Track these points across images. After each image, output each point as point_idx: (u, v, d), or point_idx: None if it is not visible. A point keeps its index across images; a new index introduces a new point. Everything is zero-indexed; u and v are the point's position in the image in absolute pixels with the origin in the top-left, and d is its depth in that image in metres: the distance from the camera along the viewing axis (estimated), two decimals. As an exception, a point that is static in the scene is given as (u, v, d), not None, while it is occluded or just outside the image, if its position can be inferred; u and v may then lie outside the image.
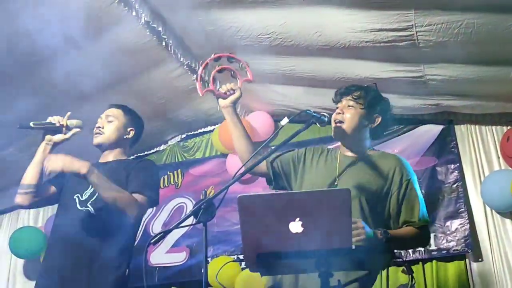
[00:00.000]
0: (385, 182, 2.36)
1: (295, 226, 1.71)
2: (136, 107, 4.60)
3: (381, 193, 2.36)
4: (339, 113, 2.47)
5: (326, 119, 2.29)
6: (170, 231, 2.10)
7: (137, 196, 2.53)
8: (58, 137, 2.68)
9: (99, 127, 2.78)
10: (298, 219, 1.71)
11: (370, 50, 3.46)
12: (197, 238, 4.78)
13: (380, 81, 3.75)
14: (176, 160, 5.29)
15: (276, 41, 3.65)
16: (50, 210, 5.50)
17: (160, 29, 3.75)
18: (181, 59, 4.10)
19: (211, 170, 5.05)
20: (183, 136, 5.36)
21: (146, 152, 5.46)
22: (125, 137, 2.82)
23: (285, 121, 2.25)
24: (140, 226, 4.99)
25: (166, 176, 5.20)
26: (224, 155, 4.95)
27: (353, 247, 1.73)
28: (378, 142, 4.41)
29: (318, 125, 2.31)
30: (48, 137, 2.67)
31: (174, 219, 4.96)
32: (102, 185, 2.42)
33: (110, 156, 2.78)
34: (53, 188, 2.71)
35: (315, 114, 2.27)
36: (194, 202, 4.97)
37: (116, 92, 4.37)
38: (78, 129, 2.70)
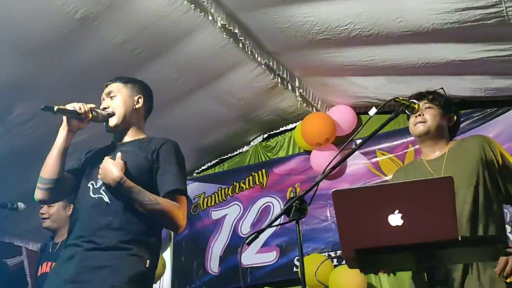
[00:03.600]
0: (479, 163, 2.32)
1: (395, 219, 1.64)
2: (217, 110, 4.74)
3: (482, 175, 2.32)
4: (419, 115, 2.51)
5: (416, 105, 2.21)
6: (263, 230, 2.08)
7: (179, 198, 2.29)
8: (82, 125, 2.37)
9: (106, 107, 2.46)
10: (397, 211, 1.63)
11: (455, 31, 3.28)
12: (286, 237, 4.75)
13: (469, 63, 3.60)
14: (260, 160, 5.29)
15: (354, 32, 3.55)
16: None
17: (236, 31, 3.76)
18: (258, 58, 4.09)
19: (295, 168, 5.00)
20: (265, 135, 5.36)
21: (229, 155, 5.52)
22: (135, 107, 2.51)
23: (373, 111, 2.18)
24: (230, 228, 5.11)
25: (250, 177, 5.21)
26: (308, 152, 4.89)
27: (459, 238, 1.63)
28: (469, 128, 4.23)
29: (408, 112, 2.24)
30: (75, 123, 2.34)
31: (262, 219, 4.97)
32: (140, 199, 2.19)
33: (126, 138, 2.48)
34: (71, 177, 2.42)
35: (404, 102, 2.19)
36: (280, 201, 4.95)
37: (196, 97, 4.45)
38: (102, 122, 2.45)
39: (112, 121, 2.43)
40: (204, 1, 3.46)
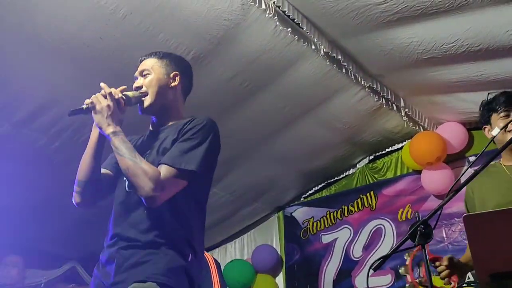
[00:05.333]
0: None
1: (532, 242, 1.60)
2: (322, 135, 4.80)
3: None
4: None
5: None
6: (389, 256, 2.10)
7: (162, 168, 1.96)
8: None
9: (139, 86, 2.17)
10: (534, 234, 1.60)
11: None
12: (401, 259, 4.61)
13: None
14: (367, 182, 5.27)
15: (462, 48, 3.51)
16: (253, 243, 5.84)
17: (339, 57, 3.82)
18: (362, 82, 4.11)
19: (405, 189, 4.93)
20: (371, 157, 5.34)
21: (336, 178, 5.54)
22: (171, 85, 2.20)
23: (496, 131, 2.14)
24: (341, 252, 5.10)
25: (359, 199, 5.20)
26: (418, 172, 4.80)
27: None
28: None
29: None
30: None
31: (373, 242, 4.92)
32: (121, 151, 1.94)
33: (166, 123, 2.20)
34: (110, 174, 2.19)
35: (529, 119, 2.14)
36: (392, 223, 4.88)
37: (302, 123, 4.54)
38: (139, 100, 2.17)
39: (146, 102, 2.15)
40: (307, 31, 3.55)
